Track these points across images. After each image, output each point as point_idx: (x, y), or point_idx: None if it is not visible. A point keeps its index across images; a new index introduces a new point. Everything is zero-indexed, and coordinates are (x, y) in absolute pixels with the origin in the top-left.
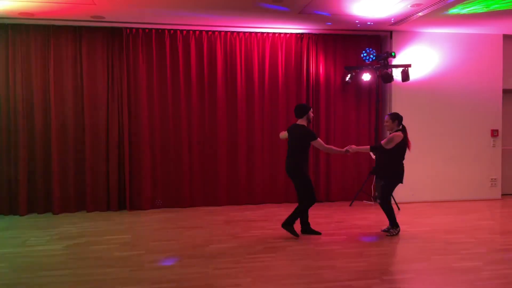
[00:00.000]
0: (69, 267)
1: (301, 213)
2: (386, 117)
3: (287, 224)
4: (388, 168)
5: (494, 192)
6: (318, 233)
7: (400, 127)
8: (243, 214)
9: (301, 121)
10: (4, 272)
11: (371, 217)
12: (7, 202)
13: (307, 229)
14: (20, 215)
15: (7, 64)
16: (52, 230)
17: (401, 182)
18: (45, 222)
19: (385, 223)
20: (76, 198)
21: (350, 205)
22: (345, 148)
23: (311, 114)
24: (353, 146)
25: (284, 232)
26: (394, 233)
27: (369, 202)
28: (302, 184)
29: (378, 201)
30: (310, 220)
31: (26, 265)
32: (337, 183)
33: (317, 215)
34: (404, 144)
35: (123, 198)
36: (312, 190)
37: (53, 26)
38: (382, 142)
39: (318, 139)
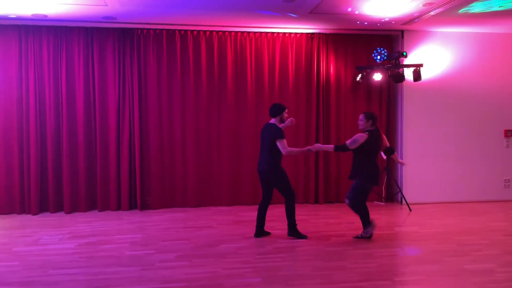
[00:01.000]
0: (80, 265)
1: (293, 211)
2: (361, 116)
3: (292, 231)
4: (360, 169)
5: (507, 193)
6: (268, 233)
7: (374, 127)
8: (252, 214)
9: (274, 121)
10: (17, 270)
11: (382, 218)
12: (19, 202)
13: (262, 231)
14: (32, 214)
15: (20, 64)
16: (63, 229)
17: (376, 184)
18: (56, 221)
19: (397, 223)
20: (87, 197)
21: None
22: (306, 147)
23: (285, 114)
24: (317, 145)
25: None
26: (368, 234)
27: (380, 203)
28: (284, 182)
29: (347, 201)
30: (322, 220)
31: (39, 264)
32: (347, 183)
33: (327, 216)
34: (370, 145)
35: (133, 197)
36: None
37: (65, 27)
38: (347, 142)
39: (284, 140)
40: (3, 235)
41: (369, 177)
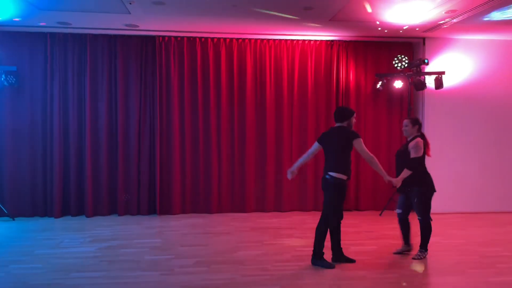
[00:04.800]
0: (101, 269)
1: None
2: (406, 121)
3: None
4: (419, 177)
5: None
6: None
7: (420, 133)
8: (271, 221)
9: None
10: (40, 273)
11: None
12: (42, 205)
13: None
14: (55, 217)
15: (45, 70)
16: (85, 232)
17: (435, 191)
18: (78, 225)
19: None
20: (108, 201)
21: (380, 214)
22: (387, 181)
23: (353, 119)
24: (397, 180)
25: (312, 240)
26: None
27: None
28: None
29: (420, 218)
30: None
31: (60, 266)
32: (366, 191)
33: (346, 224)
34: (423, 150)
35: (153, 202)
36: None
37: (90, 34)
38: (411, 156)
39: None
40: (26, 238)
41: (430, 184)
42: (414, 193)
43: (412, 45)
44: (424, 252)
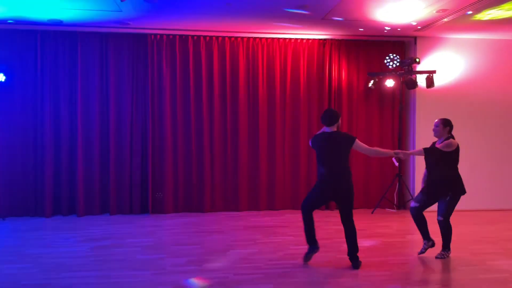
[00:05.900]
0: (93, 269)
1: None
2: (437, 122)
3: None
4: (452, 180)
5: None
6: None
7: (450, 135)
8: (263, 220)
9: (330, 129)
10: (31, 273)
11: (394, 225)
12: (33, 204)
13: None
14: (46, 217)
15: (36, 68)
16: (76, 232)
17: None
18: (70, 224)
19: (409, 231)
20: (100, 201)
21: (372, 212)
22: (394, 151)
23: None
24: (403, 151)
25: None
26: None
27: (392, 210)
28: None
29: (441, 218)
30: (333, 227)
31: (52, 266)
32: (359, 189)
33: (338, 222)
34: (457, 153)
35: (145, 201)
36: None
37: (81, 32)
38: (439, 146)
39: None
40: (16, 237)
41: (461, 187)
42: (445, 195)
43: (404, 44)
44: (448, 251)
